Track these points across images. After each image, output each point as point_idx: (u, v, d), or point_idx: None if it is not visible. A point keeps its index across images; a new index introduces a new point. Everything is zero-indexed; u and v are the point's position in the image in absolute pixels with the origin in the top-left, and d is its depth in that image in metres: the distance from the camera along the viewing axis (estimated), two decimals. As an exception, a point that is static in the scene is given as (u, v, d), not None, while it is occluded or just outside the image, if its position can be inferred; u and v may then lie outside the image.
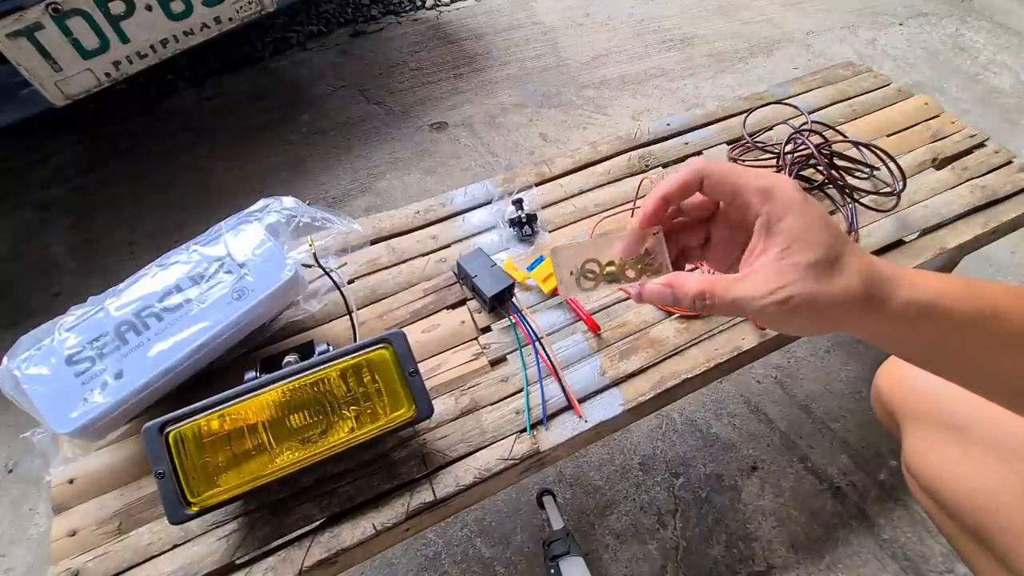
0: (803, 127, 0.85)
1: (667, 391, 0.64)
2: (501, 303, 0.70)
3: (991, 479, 0.49)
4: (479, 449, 0.60)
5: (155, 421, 0.49)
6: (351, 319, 0.68)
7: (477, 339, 0.68)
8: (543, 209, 0.82)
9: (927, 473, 0.54)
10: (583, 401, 0.63)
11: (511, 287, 0.69)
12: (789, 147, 0.82)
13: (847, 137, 0.88)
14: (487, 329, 0.69)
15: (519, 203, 0.78)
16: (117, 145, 1.63)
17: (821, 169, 0.79)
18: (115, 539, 0.55)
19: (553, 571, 0.78)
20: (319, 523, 0.55)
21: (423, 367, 0.64)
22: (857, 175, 0.82)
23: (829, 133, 0.86)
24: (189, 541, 0.54)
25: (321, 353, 0.57)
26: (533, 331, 0.67)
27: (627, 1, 2.15)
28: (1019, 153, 0.91)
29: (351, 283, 0.73)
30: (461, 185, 0.88)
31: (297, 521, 0.55)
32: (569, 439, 0.61)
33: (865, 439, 1.00)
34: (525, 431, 0.61)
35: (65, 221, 1.43)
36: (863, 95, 1.00)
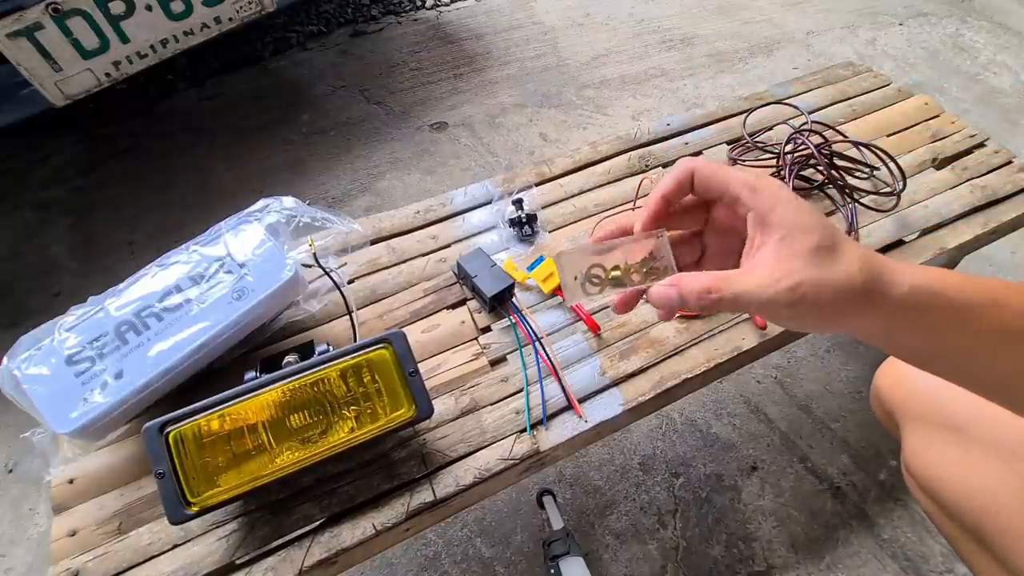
0: (803, 127, 0.85)
1: (667, 391, 0.64)
2: (501, 303, 0.70)
3: (991, 479, 0.49)
4: (479, 449, 0.60)
5: (155, 421, 0.49)
6: (351, 319, 0.68)
7: (477, 339, 0.68)
8: (543, 209, 0.82)
9: (927, 473, 0.54)
10: (583, 401, 0.63)
11: (511, 287, 0.69)
12: (789, 147, 0.82)
13: (847, 137, 0.88)
14: (487, 329, 0.69)
15: (519, 203, 0.78)
16: (117, 145, 1.63)
17: (821, 169, 0.79)
18: (115, 539, 0.55)
19: (553, 571, 0.78)
20: (319, 523, 0.55)
21: (423, 367, 0.64)
22: (857, 175, 0.82)
23: (829, 133, 0.86)
24: (189, 541, 0.54)
25: (321, 353, 0.57)
26: (533, 331, 0.67)
27: (627, 1, 2.15)
28: (1019, 153, 0.91)
29: (351, 283, 0.73)
30: (461, 185, 0.88)
31: (297, 521, 0.55)
32: (569, 439, 0.61)
33: (865, 439, 1.00)
34: (525, 431, 0.61)
35: (65, 221, 1.43)
36: (863, 95, 1.00)
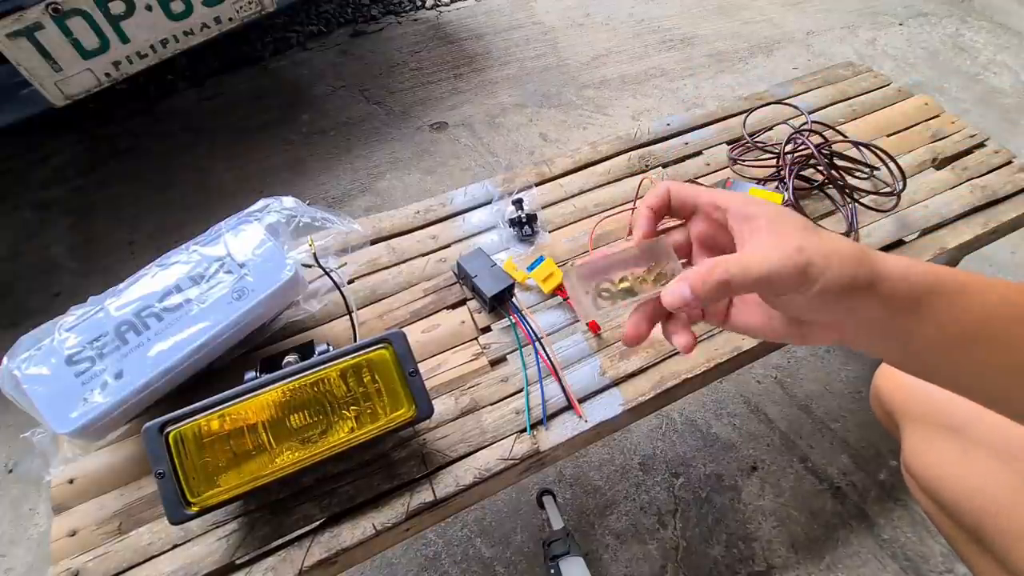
0: (803, 127, 0.85)
1: (667, 391, 0.64)
2: (501, 303, 0.70)
3: (990, 480, 0.49)
4: (479, 449, 0.60)
5: (155, 421, 0.49)
6: (351, 319, 0.68)
7: (477, 339, 0.68)
8: (543, 209, 0.82)
9: (926, 473, 0.54)
10: (583, 401, 0.63)
11: (511, 287, 0.69)
12: (789, 147, 0.82)
13: (847, 137, 0.88)
14: (487, 329, 0.69)
15: (519, 203, 0.78)
16: (117, 145, 1.63)
17: (821, 169, 0.79)
18: (115, 539, 0.55)
19: (553, 571, 0.78)
20: (319, 523, 0.55)
21: (423, 367, 0.64)
22: (857, 175, 0.82)
23: (829, 133, 0.86)
24: (189, 541, 0.54)
25: (321, 353, 0.57)
26: (533, 331, 0.67)
27: (627, 1, 2.15)
28: (1019, 153, 0.91)
29: (351, 283, 0.73)
30: (461, 185, 0.88)
31: (297, 521, 0.55)
32: (569, 439, 0.61)
33: (865, 439, 1.00)
34: (525, 431, 0.61)
35: (65, 221, 1.43)
36: (863, 95, 1.00)
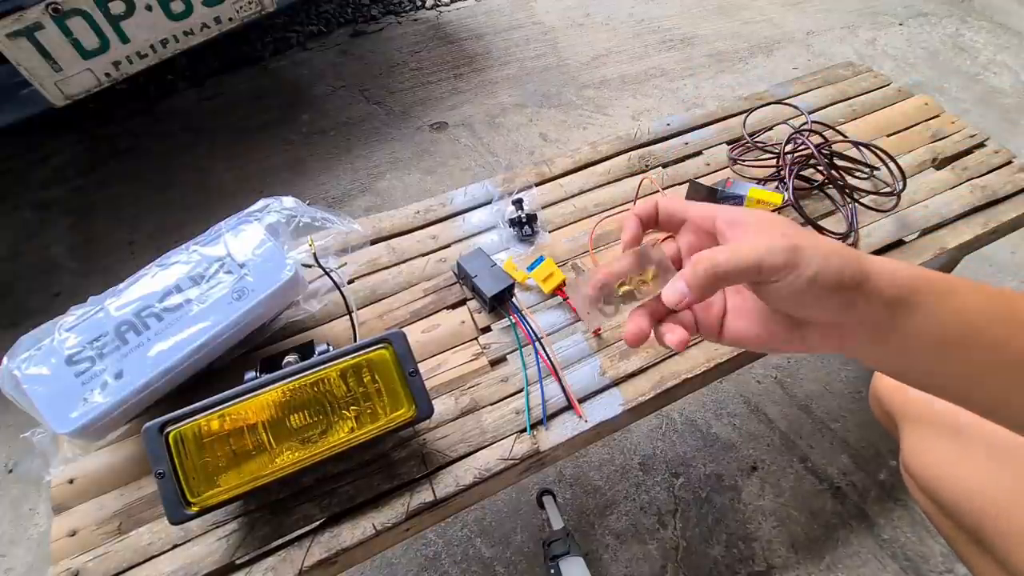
0: (803, 127, 0.85)
1: (667, 391, 0.64)
2: (501, 303, 0.70)
3: (990, 481, 0.49)
4: (479, 449, 0.60)
5: (155, 421, 0.49)
6: (351, 319, 0.68)
7: (477, 339, 0.68)
8: (543, 209, 0.82)
9: (926, 474, 0.54)
10: (583, 401, 0.63)
11: (511, 287, 0.69)
12: (789, 147, 0.82)
13: (847, 137, 0.88)
14: (487, 329, 0.69)
15: (519, 203, 0.78)
16: (117, 145, 1.63)
17: (821, 169, 0.79)
18: (115, 539, 0.55)
19: (553, 571, 0.78)
20: (319, 523, 0.55)
21: (423, 367, 0.64)
22: (857, 175, 0.82)
23: (829, 133, 0.86)
24: (189, 541, 0.54)
25: (321, 353, 0.57)
26: (533, 331, 0.67)
27: (627, 1, 2.15)
28: (1019, 153, 0.91)
29: (351, 283, 0.73)
30: (461, 185, 0.88)
31: (297, 521, 0.55)
32: (569, 439, 0.61)
33: (865, 439, 1.00)
34: (525, 431, 0.61)
35: (65, 221, 1.43)
36: (863, 95, 1.00)
